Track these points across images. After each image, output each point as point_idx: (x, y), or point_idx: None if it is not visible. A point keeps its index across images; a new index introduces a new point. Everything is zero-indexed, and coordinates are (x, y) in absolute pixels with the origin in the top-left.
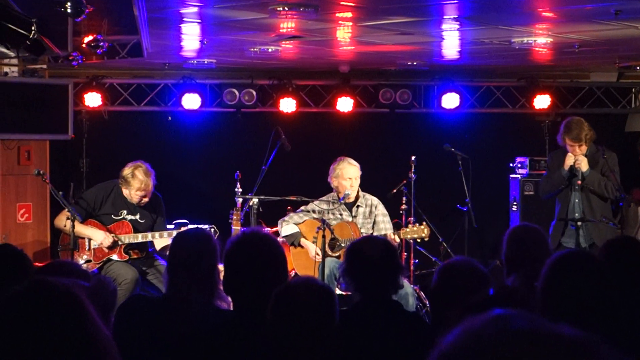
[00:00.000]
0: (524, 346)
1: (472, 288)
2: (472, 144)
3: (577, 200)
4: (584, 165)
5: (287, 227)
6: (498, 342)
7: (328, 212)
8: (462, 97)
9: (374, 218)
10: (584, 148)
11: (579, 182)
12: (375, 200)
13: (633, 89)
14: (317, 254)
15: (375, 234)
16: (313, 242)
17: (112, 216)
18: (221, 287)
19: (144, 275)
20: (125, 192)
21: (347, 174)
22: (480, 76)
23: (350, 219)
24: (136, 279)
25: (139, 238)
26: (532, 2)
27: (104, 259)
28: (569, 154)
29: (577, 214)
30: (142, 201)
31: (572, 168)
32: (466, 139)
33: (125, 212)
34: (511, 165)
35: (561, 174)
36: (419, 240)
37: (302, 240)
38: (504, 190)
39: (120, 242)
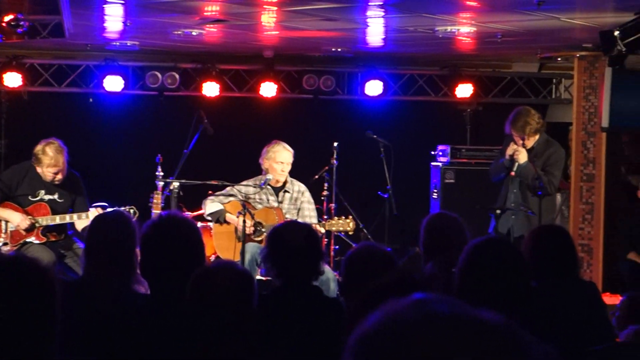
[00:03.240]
0: (444, 330)
1: (377, 271)
2: (394, 132)
3: (514, 191)
4: (521, 157)
5: (211, 204)
6: (419, 325)
7: (254, 195)
8: (385, 84)
9: (300, 205)
10: (530, 140)
11: (512, 173)
12: (302, 187)
13: (554, 80)
14: (241, 213)
15: (299, 220)
16: (238, 217)
17: (29, 197)
18: (138, 271)
19: (61, 258)
20: (38, 170)
21: (280, 157)
22: (404, 64)
23: (276, 204)
24: (53, 261)
25: (57, 220)
26: None
27: (21, 242)
28: (511, 144)
29: (513, 204)
30: (56, 178)
31: (512, 158)
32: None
33: (42, 192)
34: (432, 153)
35: (503, 162)
36: (343, 233)
37: (228, 215)
38: (425, 178)
39: (37, 224)
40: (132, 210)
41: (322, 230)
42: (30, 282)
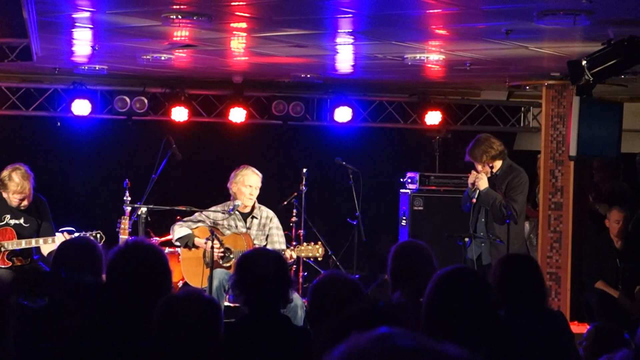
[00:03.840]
0: None
1: (343, 300)
2: (363, 158)
3: (482, 219)
4: (481, 184)
5: (180, 229)
6: (383, 359)
7: (222, 221)
8: (354, 111)
9: (268, 231)
10: (486, 167)
11: (474, 200)
12: (270, 213)
13: (522, 108)
14: (209, 239)
15: (268, 247)
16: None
17: None
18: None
19: (25, 283)
20: (4, 195)
21: (248, 181)
22: (373, 91)
23: (244, 230)
24: (12, 286)
25: (23, 244)
26: (426, 19)
27: None
28: (472, 171)
29: (482, 232)
30: (22, 204)
31: (473, 185)
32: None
33: (8, 216)
34: (401, 180)
35: (467, 191)
36: (312, 259)
37: (196, 240)
38: (393, 205)
39: (3, 249)
40: (98, 235)
41: (294, 256)
42: None
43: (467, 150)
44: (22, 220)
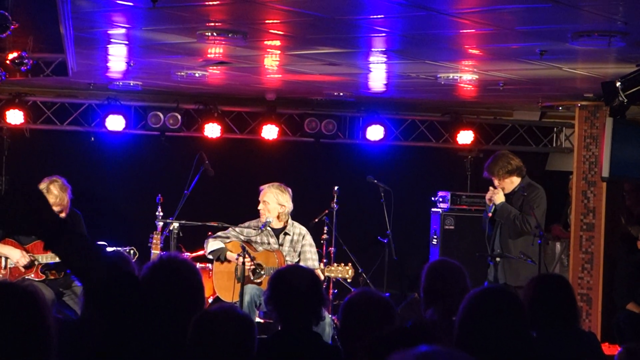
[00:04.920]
0: None
1: (375, 318)
2: (394, 177)
3: (498, 237)
4: (497, 198)
5: (213, 242)
6: None
7: (255, 237)
8: (386, 129)
9: (301, 248)
10: (503, 182)
11: (489, 214)
12: (303, 230)
13: (555, 129)
14: (240, 255)
15: (301, 264)
16: (238, 256)
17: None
18: None
19: (60, 296)
20: None
21: (263, 196)
22: (406, 109)
23: (276, 246)
24: (51, 299)
25: (57, 258)
26: (459, 39)
27: (20, 278)
28: (490, 188)
29: (497, 250)
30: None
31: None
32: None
33: None
34: (433, 199)
35: (486, 207)
36: (342, 280)
37: (228, 254)
38: (424, 224)
39: (37, 262)
40: (132, 251)
41: (322, 276)
42: (22, 311)
43: (485, 166)
44: None
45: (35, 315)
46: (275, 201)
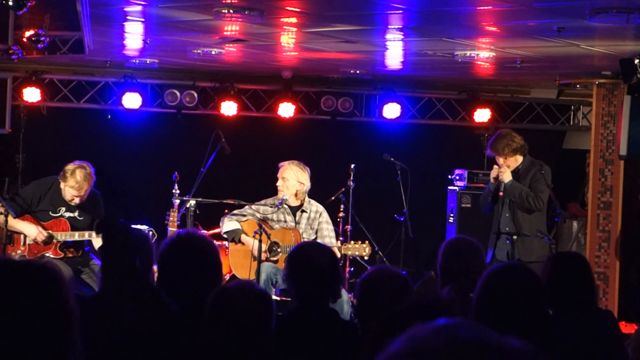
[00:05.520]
0: (471, 356)
1: (392, 295)
2: (411, 155)
3: (507, 215)
4: (505, 176)
5: (229, 223)
6: (445, 351)
7: (272, 215)
8: (403, 107)
9: (318, 225)
10: (509, 160)
11: (500, 193)
12: (320, 208)
13: (572, 107)
14: (257, 232)
15: (318, 241)
16: (253, 238)
17: (50, 213)
18: None
19: (78, 274)
20: (62, 185)
21: (282, 173)
22: (422, 87)
23: (293, 224)
24: (70, 276)
25: (76, 236)
26: (476, 16)
27: (39, 255)
28: (494, 167)
29: (507, 228)
30: (74, 201)
31: (497, 179)
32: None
33: (63, 209)
34: (449, 177)
35: (488, 188)
36: (358, 257)
37: (243, 237)
38: (441, 202)
39: (55, 240)
40: (150, 233)
41: (338, 254)
42: (42, 288)
43: (489, 144)
44: (76, 214)
45: (56, 292)
46: (295, 178)
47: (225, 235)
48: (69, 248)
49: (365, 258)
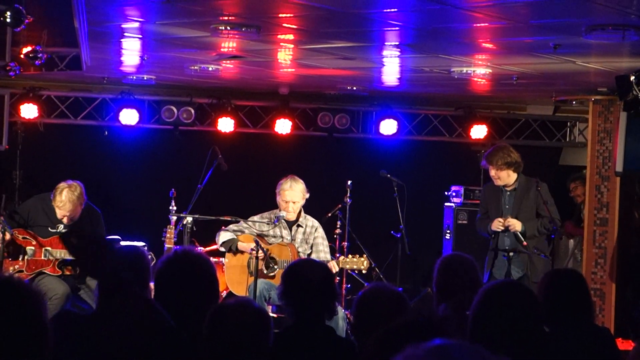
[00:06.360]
0: None
1: (388, 312)
2: (408, 171)
3: (506, 234)
4: (517, 226)
5: (224, 234)
6: None
7: (268, 230)
8: (400, 123)
9: (313, 240)
10: (500, 173)
11: (525, 243)
12: (315, 223)
13: (568, 123)
14: (254, 249)
15: (313, 256)
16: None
17: (49, 228)
18: None
19: (76, 290)
20: (55, 208)
21: (286, 197)
22: (419, 104)
23: (289, 238)
24: (67, 294)
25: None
26: (472, 33)
27: (37, 272)
28: (496, 221)
29: (507, 246)
30: (64, 219)
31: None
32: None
33: (61, 226)
34: (446, 193)
35: (489, 231)
36: (357, 271)
37: (239, 244)
38: (438, 218)
39: (52, 257)
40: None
41: (336, 268)
42: (14, 305)
43: (485, 156)
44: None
45: (28, 310)
46: (301, 197)
47: (222, 248)
48: (66, 266)
49: (364, 272)
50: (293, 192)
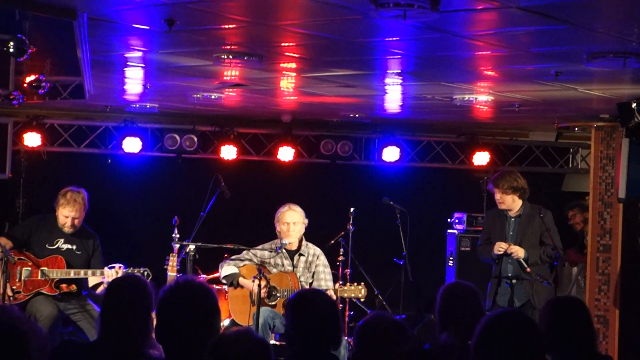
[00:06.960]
0: None
1: (389, 341)
2: (410, 198)
3: (509, 261)
4: (520, 252)
5: (227, 267)
6: None
7: (270, 259)
8: (402, 150)
9: (315, 268)
10: (505, 197)
11: (528, 269)
12: (317, 251)
13: (571, 150)
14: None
15: (314, 284)
16: (252, 282)
17: (47, 245)
18: (153, 335)
19: (73, 316)
20: (57, 212)
21: (286, 218)
22: (421, 131)
23: (290, 268)
24: (53, 316)
25: (71, 274)
26: (474, 61)
27: (34, 292)
28: (497, 244)
29: (509, 273)
30: (67, 224)
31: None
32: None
33: (61, 241)
34: (449, 220)
35: (493, 256)
36: (355, 300)
37: (241, 280)
38: (440, 245)
39: (47, 277)
40: (145, 273)
41: (334, 297)
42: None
43: (491, 179)
44: (74, 247)
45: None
46: (301, 220)
47: (224, 281)
48: (63, 284)
49: (362, 300)
50: (292, 212)
